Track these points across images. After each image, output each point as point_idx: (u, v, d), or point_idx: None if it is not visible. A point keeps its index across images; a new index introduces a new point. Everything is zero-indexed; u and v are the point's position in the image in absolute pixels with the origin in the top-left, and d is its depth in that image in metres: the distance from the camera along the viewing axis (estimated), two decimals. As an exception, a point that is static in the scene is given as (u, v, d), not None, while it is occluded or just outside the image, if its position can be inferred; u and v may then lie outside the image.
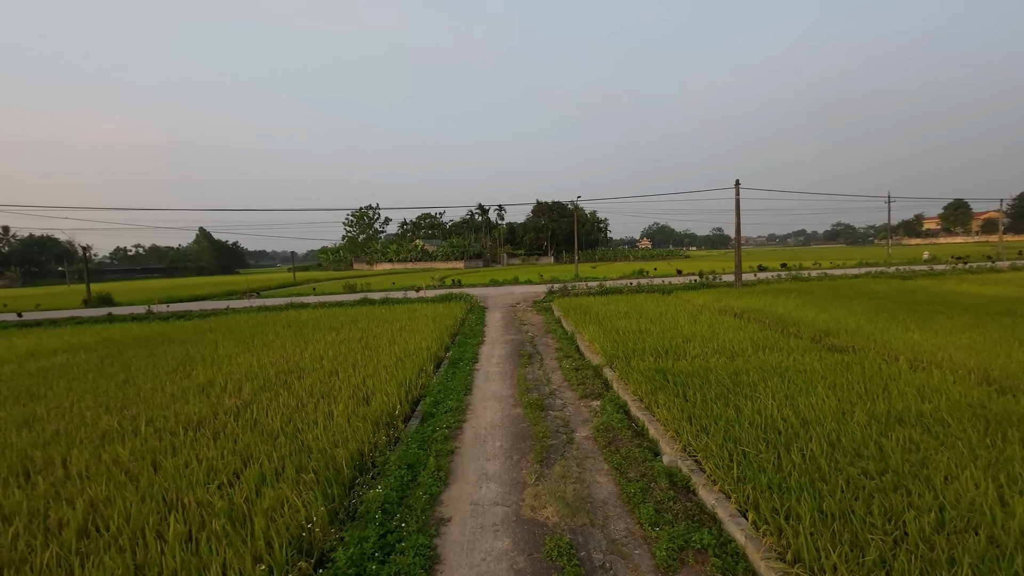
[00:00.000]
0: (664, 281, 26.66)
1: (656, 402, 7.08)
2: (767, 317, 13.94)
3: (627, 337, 11.53)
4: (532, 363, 11.02)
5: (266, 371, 9.62)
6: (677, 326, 12.86)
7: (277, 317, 18.54)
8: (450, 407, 7.78)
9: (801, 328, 12.07)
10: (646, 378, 8.01)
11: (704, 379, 7.83)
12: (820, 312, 14.28)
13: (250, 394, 8.00)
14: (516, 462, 5.85)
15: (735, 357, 9.44)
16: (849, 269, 32.67)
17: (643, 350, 10.18)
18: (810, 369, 8.17)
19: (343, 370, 9.42)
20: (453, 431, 6.88)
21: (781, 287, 22.24)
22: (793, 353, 9.48)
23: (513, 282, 34.43)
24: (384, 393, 7.68)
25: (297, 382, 8.64)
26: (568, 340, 13.44)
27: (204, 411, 7.22)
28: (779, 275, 28.14)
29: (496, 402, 8.23)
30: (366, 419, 6.52)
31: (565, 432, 6.77)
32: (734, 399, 6.79)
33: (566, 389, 8.92)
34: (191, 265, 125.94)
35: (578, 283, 26.94)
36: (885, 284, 22.37)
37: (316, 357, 10.78)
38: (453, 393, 8.60)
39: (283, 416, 6.81)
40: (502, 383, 9.41)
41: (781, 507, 4.16)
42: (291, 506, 4.33)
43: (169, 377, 9.64)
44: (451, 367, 10.58)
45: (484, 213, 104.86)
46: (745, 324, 12.95)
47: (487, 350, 12.59)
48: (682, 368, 8.54)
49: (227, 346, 12.79)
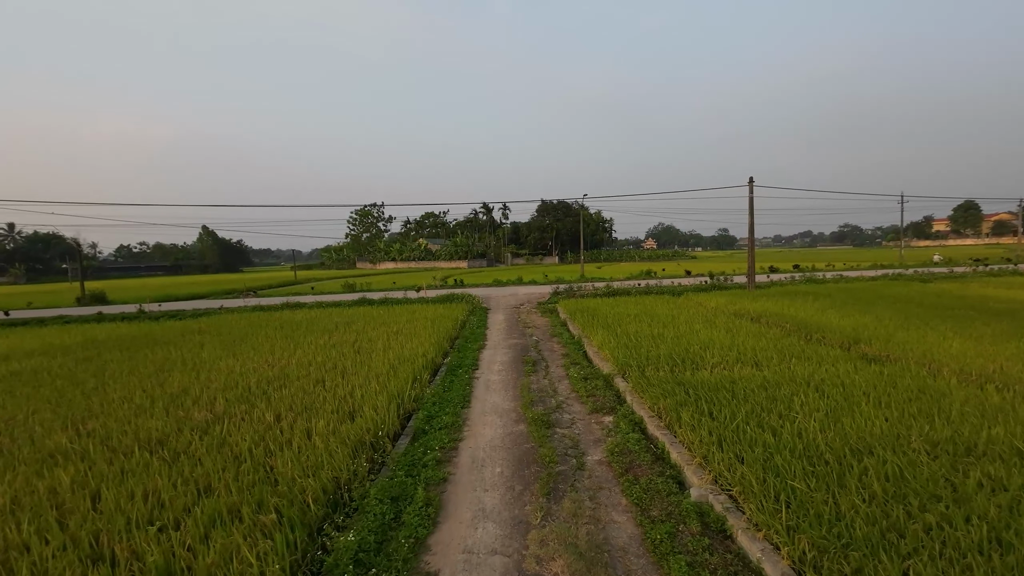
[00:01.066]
0: (673, 282, 25.76)
1: (678, 420, 6.24)
2: (787, 322, 13.05)
3: (639, 343, 10.68)
4: (537, 371, 10.19)
5: (247, 379, 8.84)
6: (692, 331, 12.00)
7: (270, 318, 17.78)
8: (445, 423, 6.96)
9: (827, 334, 11.18)
10: (664, 391, 7.18)
11: (731, 393, 6.98)
12: (844, 317, 13.38)
13: (224, 406, 7.21)
14: (519, 494, 5.03)
15: (761, 367, 8.59)
16: (864, 271, 31.63)
17: (658, 358, 9.34)
18: (848, 382, 7.30)
19: (330, 379, 8.62)
20: (447, 453, 6.06)
21: (796, 290, 21.30)
22: (824, 363, 8.62)
23: (517, 282, 33.60)
24: (372, 407, 6.87)
25: (278, 393, 7.84)
26: (575, 345, 12.60)
27: (169, 427, 6.44)
28: (792, 277, 27.17)
29: (497, 417, 7.41)
30: (347, 440, 5.71)
31: (575, 455, 5.94)
32: (768, 419, 5.94)
33: (574, 402, 8.09)
34: (195, 263, 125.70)
35: (584, 284, 26.07)
36: (905, 287, 21.40)
37: (303, 363, 9.99)
38: (449, 406, 7.78)
39: (255, 435, 6.01)
40: (504, 394, 8.59)
41: (851, 572, 3.32)
42: (242, 561, 3.52)
43: (142, 384, 8.86)
44: (449, 375, 9.77)
45: (488, 212, 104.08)
46: (765, 329, 12.07)
47: (488, 356, 11.77)
48: (704, 380, 7.69)
49: (212, 349, 12.02)
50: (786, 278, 26.91)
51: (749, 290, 21.92)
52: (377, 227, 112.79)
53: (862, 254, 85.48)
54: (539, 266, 77.20)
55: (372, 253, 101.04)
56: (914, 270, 30.45)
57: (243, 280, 53.62)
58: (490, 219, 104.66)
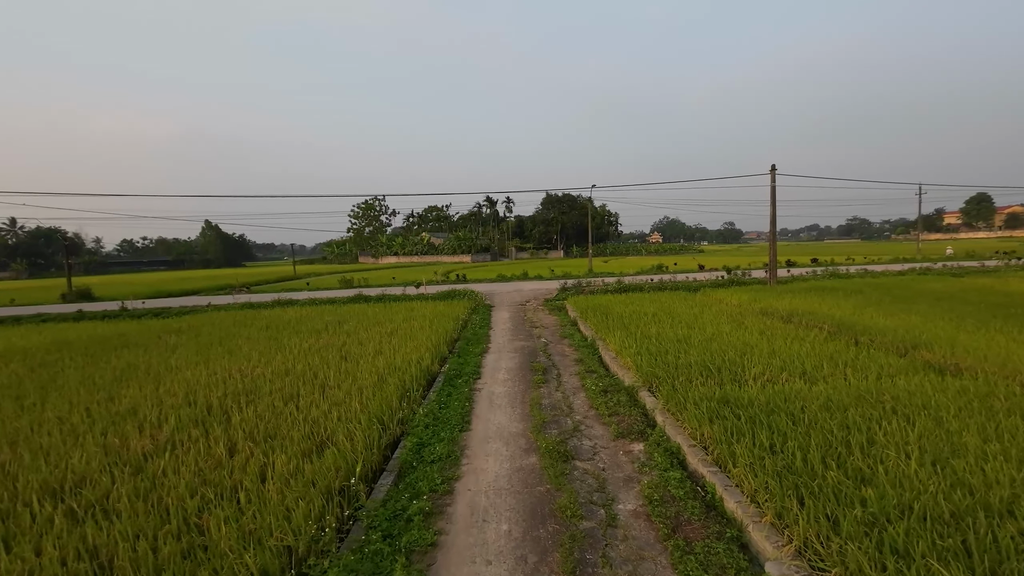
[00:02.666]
0: (688, 277, 24.36)
1: (731, 455, 4.94)
2: (824, 322, 11.67)
3: (664, 347, 9.37)
4: (547, 381, 8.90)
5: (211, 393, 7.58)
6: (721, 333, 10.67)
7: (258, 316, 16.56)
8: (439, 454, 5.67)
9: (876, 337, 9.82)
10: (707, 413, 5.86)
11: (790, 417, 5.66)
12: (888, 317, 12.00)
13: (172, 432, 5.96)
14: (533, 570, 3.74)
15: (814, 380, 7.26)
16: (890, 265, 30.13)
17: (688, 367, 8.03)
18: (930, 403, 5.96)
19: (306, 394, 7.35)
20: (440, 500, 4.77)
21: (822, 285, 19.88)
22: (886, 374, 7.31)
23: (522, 277, 32.24)
24: (348, 434, 5.60)
25: (241, 412, 6.58)
26: (589, 349, 11.29)
27: (96, 462, 5.18)
28: (814, 271, 25.70)
29: (502, 444, 6.12)
30: (312, 485, 4.45)
31: (602, 503, 4.65)
32: (853, 459, 4.61)
33: (594, 422, 6.80)
34: (197, 258, 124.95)
35: (593, 279, 24.72)
36: (940, 282, 19.93)
37: (280, 372, 8.73)
38: (445, 428, 6.50)
39: (196, 476, 4.75)
40: (510, 411, 7.30)
41: None
42: None
43: (90, 399, 7.63)
44: (447, 386, 8.49)
45: (492, 206, 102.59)
46: (803, 332, 10.71)
47: (492, 361, 10.48)
48: (751, 397, 6.37)
49: (184, 353, 10.79)
50: (807, 272, 25.44)
51: (771, 285, 20.52)
52: (380, 221, 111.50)
53: (874, 247, 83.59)
54: (544, 260, 75.77)
55: (375, 247, 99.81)
56: (942, 264, 28.90)
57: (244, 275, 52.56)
58: (494, 213, 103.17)
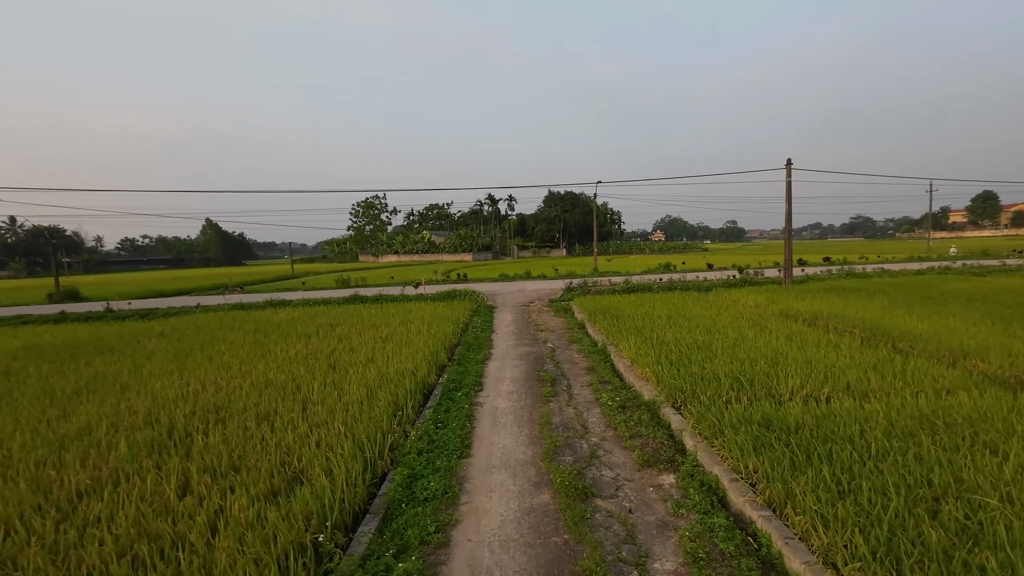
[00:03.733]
0: (698, 277, 23.42)
1: (789, 498, 4.04)
2: (853, 326, 10.74)
3: (685, 355, 8.47)
4: (557, 393, 7.99)
5: (178, 408, 6.70)
6: (744, 339, 9.76)
7: (247, 318, 15.68)
8: (433, 490, 4.76)
9: (915, 344, 8.91)
10: (748, 439, 4.96)
11: (852, 445, 4.76)
12: (922, 320, 11.06)
13: (120, 461, 5.07)
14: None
15: (864, 396, 6.36)
16: (907, 264, 29.14)
17: (716, 379, 7.12)
18: (1013, 429, 5.05)
19: (285, 412, 6.45)
20: (431, 558, 3.85)
21: (840, 285, 18.93)
22: (943, 390, 6.40)
23: (525, 277, 31.30)
24: (326, 467, 4.71)
25: (205, 437, 5.69)
26: (600, 355, 10.38)
27: (16, 505, 4.30)
28: (828, 271, 24.72)
29: (508, 475, 5.21)
30: (273, 539, 3.56)
31: (634, 560, 3.74)
32: (948, 508, 3.70)
33: (614, 445, 5.89)
34: (198, 256, 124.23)
35: (600, 279, 23.79)
36: (965, 282, 18.95)
37: (260, 383, 7.84)
38: (442, 454, 5.60)
39: (134, 526, 3.86)
40: (517, 432, 6.40)
41: None
42: None
43: (43, 414, 6.76)
44: (445, 399, 7.59)
45: (494, 204, 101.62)
46: (834, 337, 9.78)
47: (495, 370, 9.59)
48: (798, 419, 5.46)
49: (160, 361, 9.91)
50: (821, 271, 24.48)
51: (786, 285, 19.58)
52: (380, 219, 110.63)
53: (880, 246, 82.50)
54: (546, 259, 74.81)
55: (375, 246, 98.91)
56: (961, 263, 27.91)
57: (241, 274, 51.74)
58: (495, 211, 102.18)
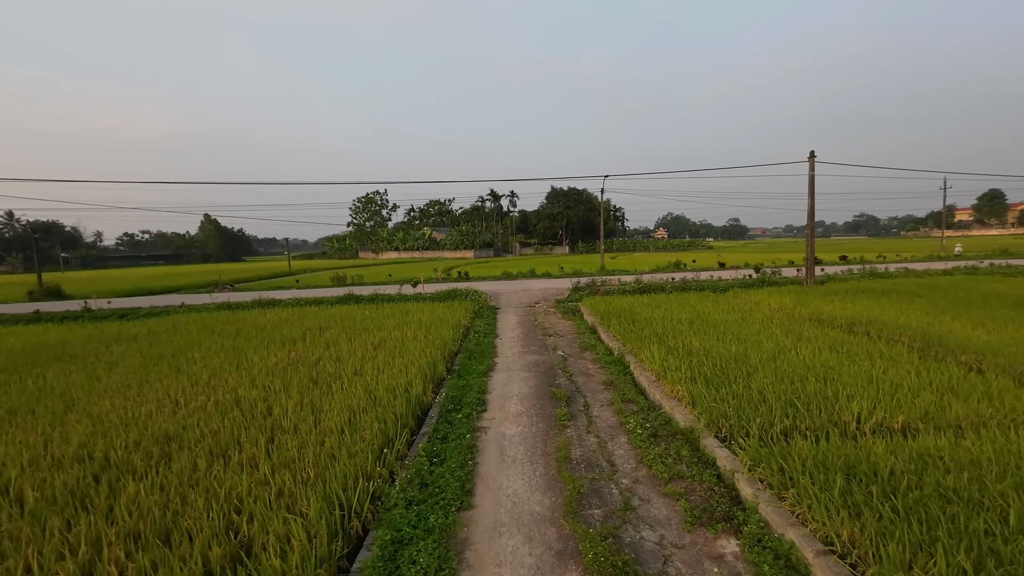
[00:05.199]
0: (711, 276, 22.21)
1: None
2: (899, 333, 9.51)
3: (719, 370, 7.31)
4: (574, 416, 6.82)
5: (118, 439, 5.54)
6: (783, 349, 8.59)
7: (231, 319, 14.52)
8: (423, 567, 3.57)
9: (984, 357, 7.70)
10: (833, 494, 3.81)
11: (979, 506, 3.61)
12: (976, 328, 9.88)
13: (7, 527, 3.92)
14: None
15: (955, 428, 5.19)
16: (930, 263, 27.92)
17: (763, 401, 5.98)
18: None
19: (247, 445, 5.28)
20: None
21: (867, 286, 17.70)
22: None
23: (529, 275, 30.11)
24: (281, 536, 3.55)
25: (139, 482, 4.53)
26: (617, 366, 9.20)
27: None
28: (849, 270, 23.49)
29: (522, 540, 4.05)
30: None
31: None
32: None
33: (651, 491, 4.72)
34: (197, 252, 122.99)
35: (608, 277, 22.59)
36: (1002, 283, 17.72)
37: (226, 404, 6.68)
38: (437, 507, 4.42)
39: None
40: (530, 472, 5.22)
41: None
42: None
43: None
44: (442, 423, 6.42)
45: (496, 200, 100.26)
46: (885, 347, 8.60)
47: (500, 384, 8.42)
48: (889, 463, 4.30)
49: (121, 372, 8.76)
50: (841, 271, 23.25)
51: (808, 286, 18.38)
52: (381, 215, 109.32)
53: (886, 244, 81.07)
54: (550, 256, 73.55)
55: (375, 242, 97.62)
56: (989, 262, 26.65)
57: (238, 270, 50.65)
58: (497, 207, 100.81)
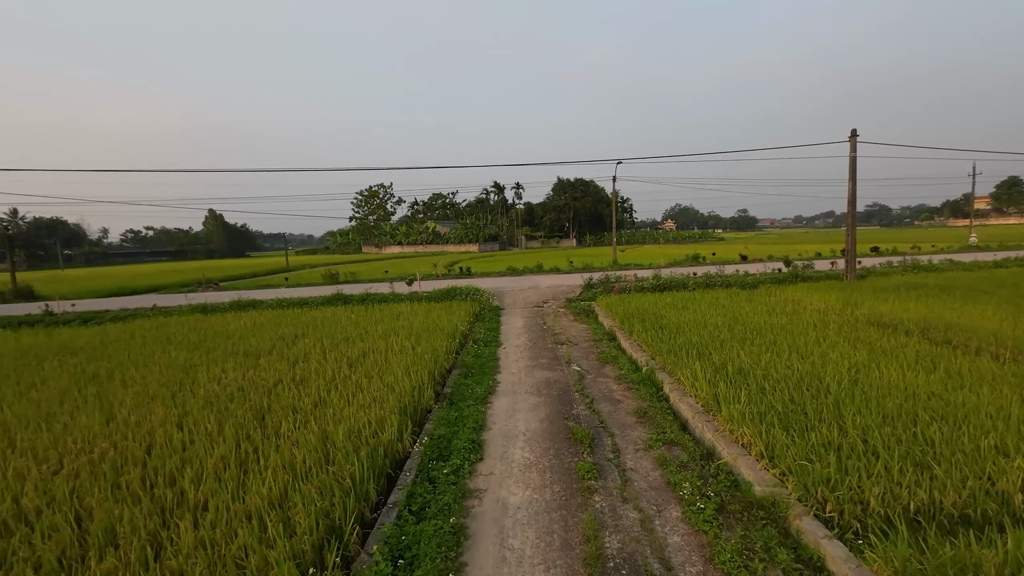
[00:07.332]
0: (737, 271, 20.28)
1: None
2: (998, 344, 7.66)
3: (791, 400, 5.52)
4: (602, 470, 5.05)
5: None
6: (858, 366, 6.77)
7: (199, 325, 12.86)
8: None
9: None
10: None
11: None
12: (1091, 335, 7.99)
13: None
14: None
15: None
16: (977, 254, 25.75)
17: (873, 455, 4.19)
18: None
19: (124, 538, 3.59)
20: None
21: (917, 281, 15.72)
22: None
23: (536, 270, 28.19)
24: None
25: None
26: (648, 388, 7.42)
27: None
28: (888, 263, 21.47)
29: None
30: None
31: None
32: None
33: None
34: (201, 248, 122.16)
35: (623, 272, 20.74)
36: (1070, 277, 15.72)
37: (130, 459, 4.98)
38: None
39: None
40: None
41: None
42: None
43: None
44: (422, 483, 4.70)
45: (500, 192, 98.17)
46: (986, 363, 6.74)
47: (503, 416, 6.67)
48: None
49: (33, 400, 7.09)
50: (879, 264, 21.24)
51: (848, 280, 16.45)
52: (384, 209, 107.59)
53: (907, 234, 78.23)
54: (557, 249, 71.50)
55: (378, 237, 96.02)
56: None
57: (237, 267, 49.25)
58: (502, 199, 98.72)
